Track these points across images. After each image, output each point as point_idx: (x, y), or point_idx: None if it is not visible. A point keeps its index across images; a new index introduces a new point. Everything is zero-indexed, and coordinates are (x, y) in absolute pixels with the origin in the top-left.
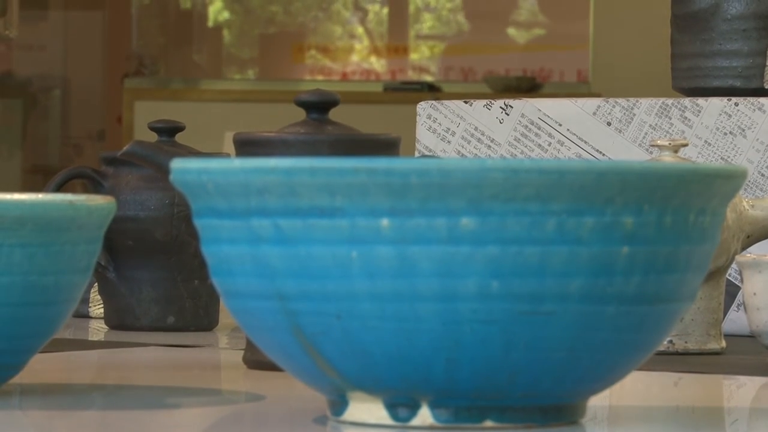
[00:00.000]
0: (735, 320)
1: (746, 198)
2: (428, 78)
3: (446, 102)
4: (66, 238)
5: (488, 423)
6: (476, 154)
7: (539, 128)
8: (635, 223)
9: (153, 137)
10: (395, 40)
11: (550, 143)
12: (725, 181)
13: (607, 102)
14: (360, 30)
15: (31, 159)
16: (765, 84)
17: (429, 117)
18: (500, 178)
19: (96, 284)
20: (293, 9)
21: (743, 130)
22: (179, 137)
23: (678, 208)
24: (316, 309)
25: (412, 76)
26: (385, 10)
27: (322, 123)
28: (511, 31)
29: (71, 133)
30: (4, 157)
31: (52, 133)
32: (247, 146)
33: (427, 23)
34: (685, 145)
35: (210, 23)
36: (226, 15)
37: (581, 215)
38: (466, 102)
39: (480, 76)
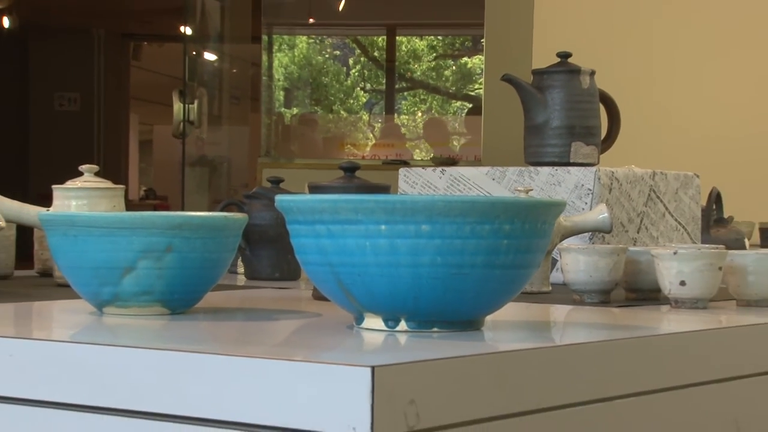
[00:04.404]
0: (555, 276)
1: (562, 215)
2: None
3: (414, 168)
4: (222, 234)
5: (435, 329)
6: (428, 193)
7: (459, 181)
8: (510, 228)
9: (269, 185)
10: (387, 140)
11: (465, 188)
12: (556, 208)
13: (493, 168)
14: (371, 135)
15: (212, 197)
16: (570, 160)
17: (405, 176)
18: (442, 205)
19: (240, 257)
20: (339, 125)
21: (559, 183)
22: (282, 185)
23: (532, 220)
24: (349, 271)
25: (396, 157)
26: (383, 125)
27: (352, 178)
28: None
29: (231, 184)
30: (202, 196)
31: (222, 185)
32: (315, 189)
33: (403, 131)
34: (531, 190)
35: (299, 131)
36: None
37: (483, 224)
38: (423, 168)
39: (429, 157)
